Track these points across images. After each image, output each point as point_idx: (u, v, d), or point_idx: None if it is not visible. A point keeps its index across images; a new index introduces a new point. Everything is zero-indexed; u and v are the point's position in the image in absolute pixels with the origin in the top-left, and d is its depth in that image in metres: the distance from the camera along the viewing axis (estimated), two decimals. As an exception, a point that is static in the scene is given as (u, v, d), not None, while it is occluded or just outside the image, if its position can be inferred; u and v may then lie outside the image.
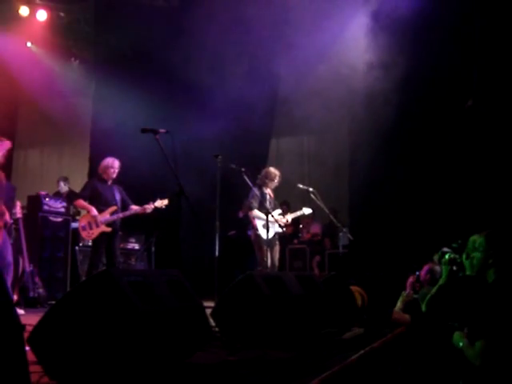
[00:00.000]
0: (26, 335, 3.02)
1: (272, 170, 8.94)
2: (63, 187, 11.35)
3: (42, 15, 11.46)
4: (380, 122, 9.28)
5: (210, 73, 10.60)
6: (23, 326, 2.45)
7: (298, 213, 9.11)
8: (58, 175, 12.63)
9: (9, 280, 7.34)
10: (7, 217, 7.36)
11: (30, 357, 2.96)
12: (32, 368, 2.97)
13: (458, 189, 8.72)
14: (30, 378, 2.42)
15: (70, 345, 2.90)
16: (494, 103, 8.72)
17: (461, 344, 3.81)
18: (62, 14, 11.74)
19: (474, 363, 3.65)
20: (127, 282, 3.02)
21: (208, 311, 4.61)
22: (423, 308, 5.03)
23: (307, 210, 9.12)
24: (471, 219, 8.12)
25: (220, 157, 7.85)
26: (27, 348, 2.92)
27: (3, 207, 7.31)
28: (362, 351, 4.03)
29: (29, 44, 12.37)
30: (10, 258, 7.33)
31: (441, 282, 4.84)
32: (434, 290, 4.71)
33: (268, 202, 8.76)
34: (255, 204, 8.61)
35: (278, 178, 8.88)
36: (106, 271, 2.98)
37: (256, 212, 8.62)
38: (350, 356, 3.80)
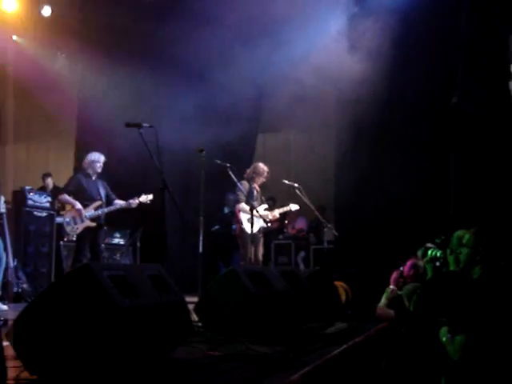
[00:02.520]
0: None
1: (261, 165, 8.98)
2: (50, 183, 11.29)
3: (28, 9, 11.36)
4: (366, 119, 9.31)
5: (197, 68, 10.58)
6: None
7: (285, 208, 9.15)
8: (44, 170, 12.59)
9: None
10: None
11: (10, 352, 2.96)
12: (12, 363, 2.97)
13: (443, 185, 8.76)
14: (7, 372, 2.41)
15: (49, 339, 2.89)
16: (478, 100, 8.75)
17: (444, 339, 3.84)
18: (48, 8, 11.65)
19: (453, 357, 3.67)
20: (107, 276, 3.01)
21: (192, 306, 4.62)
22: (410, 307, 5.06)
23: (294, 206, 9.17)
24: (455, 215, 8.17)
25: (204, 152, 7.85)
26: (6, 343, 2.91)
27: None
28: (345, 346, 4.04)
29: (15, 37, 12.29)
30: (1, 251, 7.35)
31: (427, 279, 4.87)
32: (419, 289, 4.74)
33: (255, 197, 8.78)
34: (242, 197, 8.63)
35: (266, 173, 8.91)
36: (85, 265, 2.97)
37: (243, 205, 8.63)
38: (332, 351, 3.80)
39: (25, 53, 12.39)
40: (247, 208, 8.48)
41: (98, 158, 8.39)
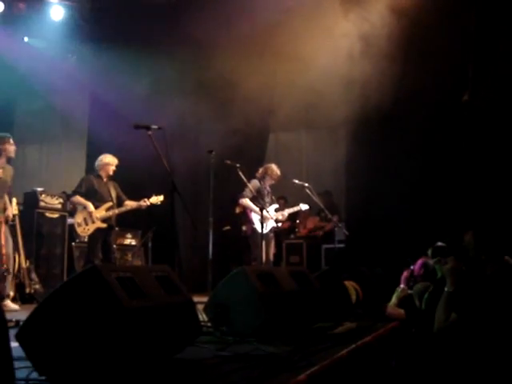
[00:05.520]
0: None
1: (273, 167, 8.98)
2: None
3: (39, 11, 11.44)
4: (377, 116, 9.29)
5: (207, 68, 10.60)
6: (5, 321, 2.46)
7: (295, 208, 9.17)
8: (56, 171, 12.64)
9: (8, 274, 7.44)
10: (9, 212, 7.46)
11: (20, 353, 2.99)
12: (21, 364, 3.00)
13: (454, 184, 8.72)
14: (14, 372, 2.43)
15: (58, 340, 2.91)
16: (490, 98, 8.71)
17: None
18: (59, 10, 11.72)
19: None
20: (115, 278, 3.03)
21: (202, 306, 4.64)
22: (421, 307, 5.07)
23: (304, 206, 9.19)
24: (466, 214, 8.13)
25: (213, 153, 7.86)
26: (16, 344, 2.94)
27: (7, 202, 7.43)
28: (353, 346, 4.03)
29: (26, 39, 12.36)
30: (10, 251, 7.45)
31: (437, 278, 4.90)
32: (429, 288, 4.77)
33: (266, 197, 8.79)
34: (248, 194, 8.64)
35: (277, 176, 8.92)
36: (93, 267, 2.99)
37: (246, 201, 8.64)
38: (340, 351, 3.80)
39: (36, 54, 12.46)
40: (251, 204, 8.53)
41: (111, 161, 8.42)
